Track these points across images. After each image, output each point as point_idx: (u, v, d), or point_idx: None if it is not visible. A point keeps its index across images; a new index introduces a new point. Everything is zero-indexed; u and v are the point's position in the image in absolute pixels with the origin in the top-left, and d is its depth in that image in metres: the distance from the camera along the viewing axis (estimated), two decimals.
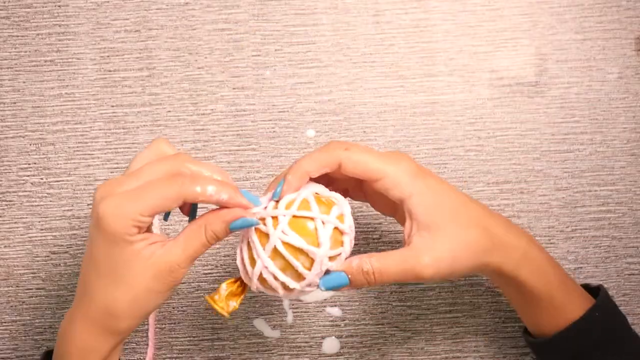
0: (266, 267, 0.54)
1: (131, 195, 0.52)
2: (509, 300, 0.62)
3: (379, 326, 0.70)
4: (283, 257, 0.53)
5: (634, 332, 0.60)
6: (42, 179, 0.70)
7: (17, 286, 0.70)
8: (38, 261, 0.70)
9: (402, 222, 0.58)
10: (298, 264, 0.53)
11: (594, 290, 0.62)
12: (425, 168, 0.57)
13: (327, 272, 0.54)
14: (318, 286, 0.54)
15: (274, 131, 0.70)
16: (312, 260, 0.53)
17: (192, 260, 0.54)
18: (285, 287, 0.54)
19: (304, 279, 0.54)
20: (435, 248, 0.55)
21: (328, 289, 0.54)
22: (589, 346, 0.58)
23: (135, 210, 0.51)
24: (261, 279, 0.54)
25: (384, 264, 0.54)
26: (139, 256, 0.52)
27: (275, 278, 0.54)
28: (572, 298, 0.59)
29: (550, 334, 0.59)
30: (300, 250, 0.53)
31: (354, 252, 0.56)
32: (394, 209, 0.61)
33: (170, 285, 0.54)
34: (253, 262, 0.54)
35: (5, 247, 0.70)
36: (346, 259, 0.55)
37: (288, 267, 0.53)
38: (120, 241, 0.52)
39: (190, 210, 0.58)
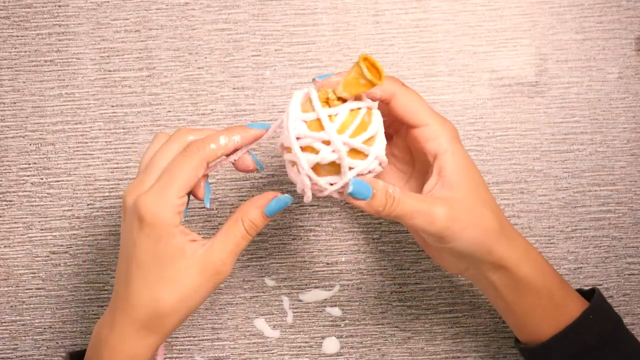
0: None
1: (160, 184, 0.53)
2: (500, 307, 0.61)
3: (379, 326, 0.70)
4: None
5: (629, 332, 0.60)
6: (42, 179, 0.70)
7: (17, 286, 0.70)
8: (38, 261, 0.70)
9: (415, 186, 0.59)
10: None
11: (588, 294, 0.61)
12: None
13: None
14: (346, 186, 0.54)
15: (274, 131, 0.70)
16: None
17: (235, 254, 0.55)
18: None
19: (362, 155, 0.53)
20: (453, 206, 0.54)
21: (354, 191, 0.53)
22: (586, 348, 0.58)
23: (171, 194, 0.53)
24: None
25: (405, 196, 0.54)
26: (183, 253, 0.53)
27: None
28: (571, 297, 0.59)
29: (545, 338, 0.59)
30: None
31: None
32: (410, 169, 0.61)
33: (217, 282, 0.55)
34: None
35: (5, 247, 0.70)
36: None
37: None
38: (165, 234, 0.53)
39: (205, 193, 0.58)
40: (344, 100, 0.53)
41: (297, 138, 0.53)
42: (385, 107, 0.57)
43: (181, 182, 0.53)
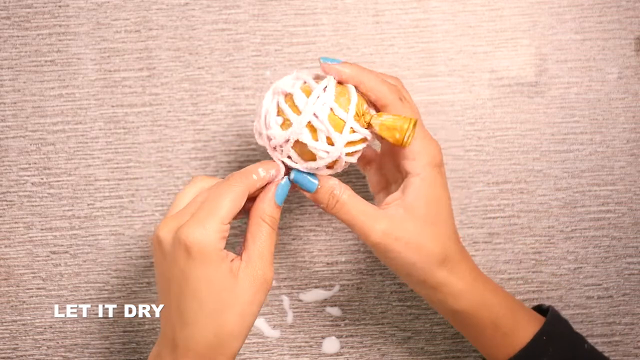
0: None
1: (203, 212, 0.53)
2: (460, 331, 0.62)
3: (379, 326, 0.70)
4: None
5: (588, 347, 0.60)
6: (42, 179, 0.70)
7: (17, 286, 0.70)
8: (38, 261, 0.70)
9: (394, 190, 0.59)
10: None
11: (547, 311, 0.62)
12: (443, 165, 0.58)
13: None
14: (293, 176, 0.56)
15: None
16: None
17: (272, 255, 0.55)
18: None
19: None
20: (395, 226, 0.55)
21: (296, 179, 0.56)
22: None
23: (215, 221, 0.52)
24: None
25: (349, 202, 0.56)
26: (231, 274, 0.53)
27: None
28: (523, 321, 0.59)
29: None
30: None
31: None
32: (397, 173, 0.61)
33: (267, 289, 0.54)
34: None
35: (5, 247, 0.70)
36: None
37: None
38: (215, 259, 0.52)
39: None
40: (369, 126, 0.55)
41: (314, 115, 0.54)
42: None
43: (225, 210, 0.52)
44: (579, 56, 0.71)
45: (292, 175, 0.56)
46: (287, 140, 0.54)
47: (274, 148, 0.56)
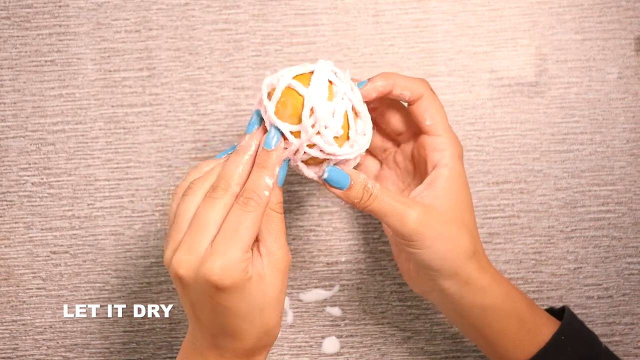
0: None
1: (224, 245, 0.51)
2: (469, 332, 0.61)
3: (379, 326, 0.70)
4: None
5: (604, 347, 0.60)
6: (42, 179, 0.70)
7: (17, 286, 0.70)
8: (38, 261, 0.70)
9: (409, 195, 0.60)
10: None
11: (560, 313, 0.62)
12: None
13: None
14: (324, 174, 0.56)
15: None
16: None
17: (285, 238, 0.54)
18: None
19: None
20: (430, 213, 0.55)
21: (329, 177, 0.55)
22: None
23: (240, 250, 0.51)
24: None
25: (382, 193, 0.55)
26: (259, 280, 0.52)
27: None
28: (542, 320, 0.59)
29: None
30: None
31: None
32: (409, 178, 0.62)
33: (288, 269, 0.54)
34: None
35: (5, 247, 0.70)
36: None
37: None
38: (246, 283, 0.51)
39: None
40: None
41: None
42: (401, 108, 0.60)
43: (246, 239, 0.51)
44: (579, 56, 0.71)
45: (326, 174, 0.55)
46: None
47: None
